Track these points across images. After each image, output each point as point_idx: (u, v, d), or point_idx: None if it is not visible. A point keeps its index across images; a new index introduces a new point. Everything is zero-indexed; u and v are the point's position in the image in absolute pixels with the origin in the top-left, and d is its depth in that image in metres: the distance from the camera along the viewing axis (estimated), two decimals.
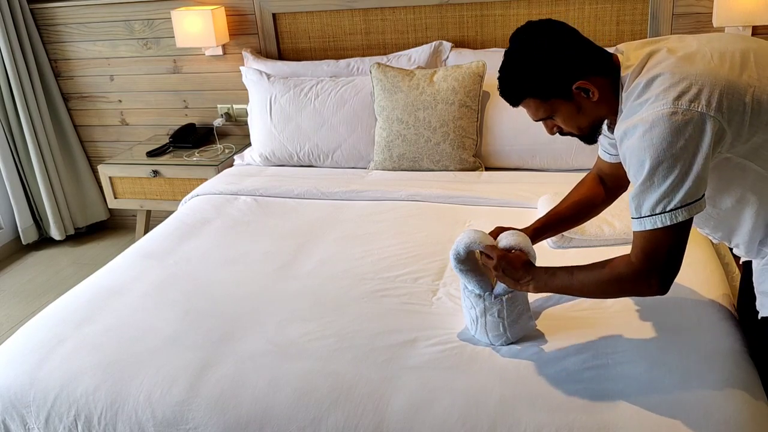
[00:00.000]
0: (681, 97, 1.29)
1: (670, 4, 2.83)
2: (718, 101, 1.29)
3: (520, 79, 1.44)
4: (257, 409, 1.53)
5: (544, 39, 1.41)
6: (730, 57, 1.35)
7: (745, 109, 1.31)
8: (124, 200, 3.41)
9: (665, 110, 1.28)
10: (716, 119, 1.28)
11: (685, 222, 1.31)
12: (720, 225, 1.51)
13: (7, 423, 1.68)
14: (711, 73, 1.31)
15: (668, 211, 1.30)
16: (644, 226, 1.34)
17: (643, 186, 1.32)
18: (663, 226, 1.31)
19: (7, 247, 3.76)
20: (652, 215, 1.32)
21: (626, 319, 1.69)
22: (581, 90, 1.41)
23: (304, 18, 3.22)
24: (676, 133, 1.27)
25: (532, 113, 1.48)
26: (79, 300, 2.00)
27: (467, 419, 1.43)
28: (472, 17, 3.03)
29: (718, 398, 1.42)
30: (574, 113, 1.45)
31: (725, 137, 1.31)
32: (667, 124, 1.28)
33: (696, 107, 1.28)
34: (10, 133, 3.61)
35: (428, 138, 2.72)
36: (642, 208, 1.33)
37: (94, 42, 3.56)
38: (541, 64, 1.40)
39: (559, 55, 1.40)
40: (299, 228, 2.37)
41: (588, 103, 1.43)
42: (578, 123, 1.47)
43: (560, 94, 1.42)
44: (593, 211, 1.78)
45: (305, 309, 1.85)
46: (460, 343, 1.65)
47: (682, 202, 1.29)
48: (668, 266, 1.35)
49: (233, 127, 3.54)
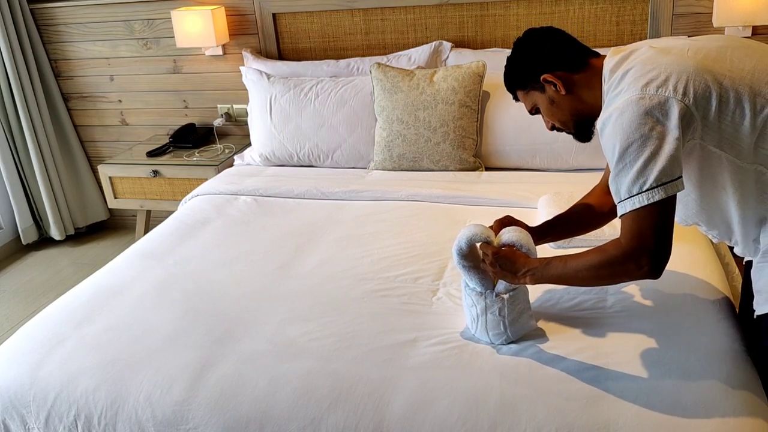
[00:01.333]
0: (649, 84, 1.36)
1: (670, 4, 2.83)
2: (684, 87, 1.35)
3: (508, 72, 1.65)
4: (257, 408, 1.53)
5: (529, 38, 1.61)
6: (705, 51, 1.43)
7: (712, 96, 1.36)
8: (124, 200, 3.41)
9: (634, 96, 1.36)
10: (683, 103, 1.34)
11: (665, 202, 1.34)
12: (711, 220, 1.54)
13: (7, 423, 1.68)
14: (681, 62, 1.39)
15: (645, 191, 1.34)
16: (625, 208, 1.37)
17: (617, 168, 1.37)
18: (642, 206, 1.34)
19: (7, 247, 3.77)
20: (630, 197, 1.36)
21: (626, 319, 1.69)
22: (549, 83, 1.55)
23: (304, 18, 3.22)
24: (644, 116, 1.34)
25: (525, 105, 1.65)
26: (79, 300, 2.00)
27: (467, 419, 1.43)
28: (472, 17, 3.03)
29: (718, 398, 1.42)
30: (549, 105, 1.58)
31: (694, 122, 1.36)
32: (635, 108, 1.34)
33: (663, 92, 1.35)
34: (10, 133, 3.61)
35: (428, 138, 2.72)
36: (621, 191, 1.38)
37: (94, 42, 3.57)
38: (519, 58, 1.61)
39: (533, 51, 1.58)
40: (299, 228, 2.37)
41: (559, 96, 1.56)
42: (557, 116, 1.60)
43: (533, 85, 1.58)
44: (599, 220, 1.80)
45: (305, 309, 1.85)
46: (460, 343, 1.65)
47: (657, 181, 1.33)
48: (657, 246, 1.36)
49: (233, 127, 3.54)
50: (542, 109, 1.61)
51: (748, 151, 1.38)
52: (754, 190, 1.42)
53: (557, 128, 1.63)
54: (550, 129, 1.65)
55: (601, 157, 2.56)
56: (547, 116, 1.62)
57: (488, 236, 1.62)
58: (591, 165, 2.66)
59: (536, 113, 1.65)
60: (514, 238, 1.61)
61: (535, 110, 1.64)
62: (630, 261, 1.38)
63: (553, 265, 1.52)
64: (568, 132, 1.63)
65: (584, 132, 1.61)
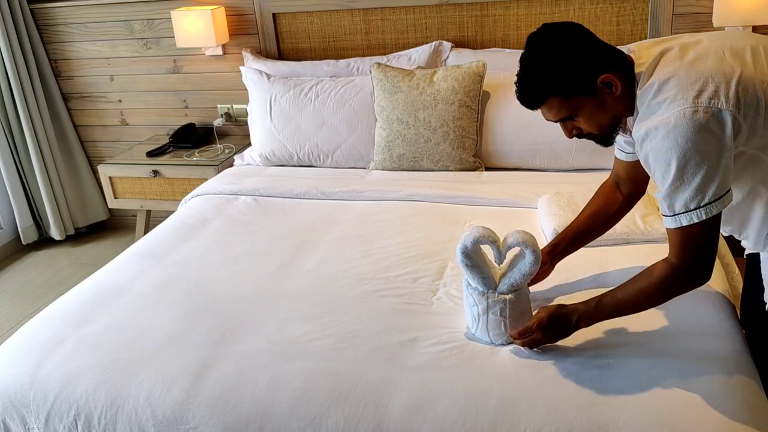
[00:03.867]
0: (700, 95, 1.31)
1: (670, 4, 2.83)
2: (735, 96, 1.31)
3: (542, 78, 1.42)
4: (257, 408, 1.53)
5: (564, 37, 1.42)
6: (742, 53, 1.38)
7: (759, 103, 1.33)
8: (124, 200, 3.41)
9: (686, 109, 1.31)
10: (734, 114, 1.31)
11: (718, 214, 1.35)
12: (731, 217, 1.53)
13: (7, 423, 1.68)
14: (725, 70, 1.34)
15: (703, 206, 1.33)
16: (680, 223, 1.36)
17: (674, 185, 1.34)
18: (699, 221, 1.35)
19: (7, 247, 3.77)
20: (687, 212, 1.35)
21: (626, 319, 1.68)
22: (605, 84, 1.41)
23: (304, 18, 3.22)
24: (700, 131, 1.30)
25: (554, 113, 1.47)
26: (79, 300, 2.00)
27: (467, 419, 1.43)
28: (472, 17, 3.03)
29: (718, 398, 1.42)
30: (597, 109, 1.44)
31: (741, 131, 1.34)
32: (690, 123, 1.30)
33: (716, 104, 1.30)
34: (10, 133, 3.61)
35: (428, 138, 2.72)
36: (675, 206, 1.36)
37: (94, 42, 3.57)
38: (565, 61, 1.40)
39: (582, 51, 1.41)
40: (299, 228, 2.37)
41: (611, 99, 1.43)
42: (600, 120, 1.46)
43: (584, 89, 1.41)
44: (611, 220, 1.79)
45: (305, 309, 1.85)
46: (460, 343, 1.65)
47: (715, 196, 1.33)
48: (708, 256, 1.39)
49: (233, 127, 3.54)
50: (585, 116, 1.45)
51: None
52: None
53: (582, 136, 1.52)
54: (572, 137, 1.52)
55: (601, 157, 2.59)
56: (589, 122, 1.47)
57: (495, 239, 1.62)
58: (591, 165, 2.66)
59: (563, 121, 1.49)
60: (520, 239, 1.60)
61: (566, 118, 1.47)
62: (686, 278, 1.42)
63: (603, 303, 1.52)
64: (594, 137, 1.51)
65: (612, 135, 1.51)
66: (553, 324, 1.55)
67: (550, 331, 1.56)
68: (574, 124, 1.49)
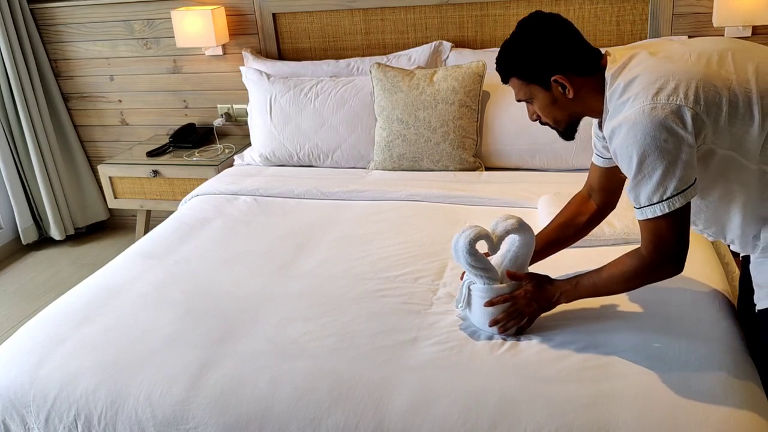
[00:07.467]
0: (659, 93, 1.36)
1: (670, 4, 2.83)
2: (695, 94, 1.36)
3: (509, 58, 1.54)
4: (257, 408, 1.53)
5: (541, 27, 1.51)
6: (708, 56, 1.43)
7: (722, 101, 1.37)
8: (124, 200, 3.41)
9: (646, 106, 1.36)
10: (694, 110, 1.35)
11: (683, 207, 1.40)
12: (711, 219, 1.55)
13: (7, 423, 1.68)
14: (687, 69, 1.39)
15: (665, 200, 1.39)
16: (646, 215, 1.43)
17: (636, 179, 1.40)
18: (663, 214, 1.40)
19: (7, 247, 3.77)
20: (651, 205, 1.41)
21: (626, 319, 1.69)
22: (558, 84, 1.49)
23: (304, 18, 3.22)
24: (658, 127, 1.35)
25: (516, 93, 1.57)
26: (79, 300, 2.00)
27: (467, 419, 1.43)
28: (472, 17, 3.03)
29: (718, 398, 1.42)
30: (550, 104, 1.53)
31: (705, 128, 1.38)
32: (648, 120, 1.35)
33: (674, 100, 1.36)
34: (10, 133, 3.61)
35: (428, 138, 2.72)
36: (640, 198, 1.42)
37: (94, 42, 3.57)
38: (528, 49, 1.50)
39: (547, 46, 1.49)
40: (299, 228, 2.37)
41: (564, 98, 1.51)
42: (554, 115, 1.56)
43: (539, 81, 1.51)
44: (582, 231, 1.83)
45: (305, 308, 1.85)
46: (460, 343, 1.66)
47: (677, 189, 1.38)
48: (678, 248, 1.44)
49: (233, 127, 3.54)
50: (539, 106, 1.55)
51: (755, 152, 1.40)
52: (757, 190, 1.44)
53: (543, 122, 1.60)
54: (533, 120, 1.61)
55: None
56: (543, 113, 1.56)
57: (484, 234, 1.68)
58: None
59: (525, 103, 1.58)
60: (509, 225, 1.69)
61: (525, 100, 1.57)
62: (656, 269, 1.48)
63: (581, 284, 1.61)
64: (555, 129, 1.60)
65: (572, 132, 1.60)
66: (537, 296, 1.64)
67: (533, 303, 1.64)
68: (534, 110, 1.58)
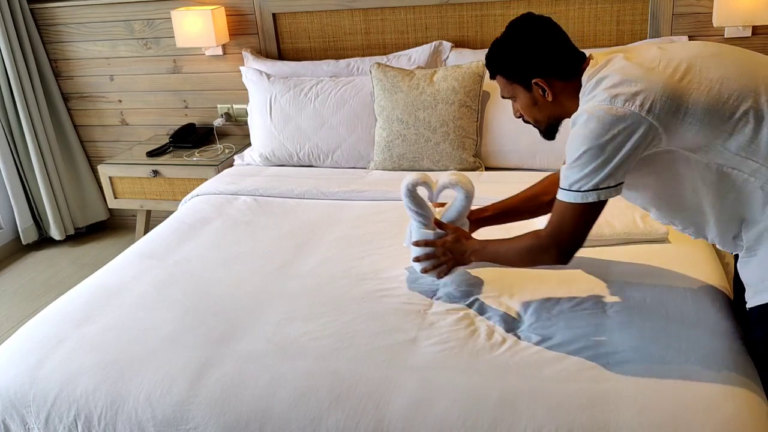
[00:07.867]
0: (618, 96, 1.42)
1: (670, 4, 2.83)
2: (651, 103, 1.40)
3: (496, 56, 1.61)
4: (257, 408, 1.53)
5: (528, 30, 1.57)
6: (676, 64, 1.45)
7: (679, 111, 1.40)
8: (124, 200, 3.41)
9: (603, 105, 1.42)
10: (647, 120, 1.40)
11: (594, 205, 1.48)
12: (687, 220, 1.59)
13: (7, 423, 1.68)
14: (651, 78, 1.43)
15: (582, 191, 1.46)
16: (560, 197, 1.51)
17: (571, 164, 1.47)
18: (575, 203, 1.48)
19: (7, 247, 3.76)
20: (570, 190, 1.48)
21: (626, 318, 1.69)
22: (539, 87, 1.56)
23: (304, 18, 3.22)
24: (606, 127, 1.41)
25: (501, 90, 1.65)
26: (79, 300, 2.00)
27: (467, 419, 1.43)
28: (472, 17, 3.03)
29: (718, 398, 1.42)
30: (531, 104, 1.61)
31: (658, 136, 1.42)
32: (601, 117, 1.41)
33: (629, 106, 1.40)
34: (10, 133, 3.61)
35: (428, 138, 2.72)
36: (566, 181, 1.49)
37: (94, 42, 3.57)
38: (513, 50, 1.57)
39: (531, 49, 1.55)
40: (299, 228, 2.37)
41: (543, 101, 1.58)
42: (534, 115, 1.63)
43: (521, 82, 1.58)
44: (541, 209, 1.91)
45: (305, 308, 1.85)
46: (460, 343, 1.65)
47: (596, 186, 1.45)
48: (570, 240, 1.54)
49: (233, 127, 3.54)
50: (521, 105, 1.63)
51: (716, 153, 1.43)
52: (731, 192, 1.45)
53: (525, 121, 1.67)
54: (517, 117, 1.68)
55: None
56: (524, 112, 1.65)
57: (428, 181, 1.83)
58: None
59: (510, 100, 1.66)
60: (454, 179, 1.81)
61: (509, 98, 1.65)
62: (543, 250, 1.58)
63: (488, 249, 1.73)
64: (536, 128, 1.68)
65: (552, 132, 1.67)
66: (452, 247, 1.79)
67: (448, 253, 1.79)
68: (517, 108, 1.66)
